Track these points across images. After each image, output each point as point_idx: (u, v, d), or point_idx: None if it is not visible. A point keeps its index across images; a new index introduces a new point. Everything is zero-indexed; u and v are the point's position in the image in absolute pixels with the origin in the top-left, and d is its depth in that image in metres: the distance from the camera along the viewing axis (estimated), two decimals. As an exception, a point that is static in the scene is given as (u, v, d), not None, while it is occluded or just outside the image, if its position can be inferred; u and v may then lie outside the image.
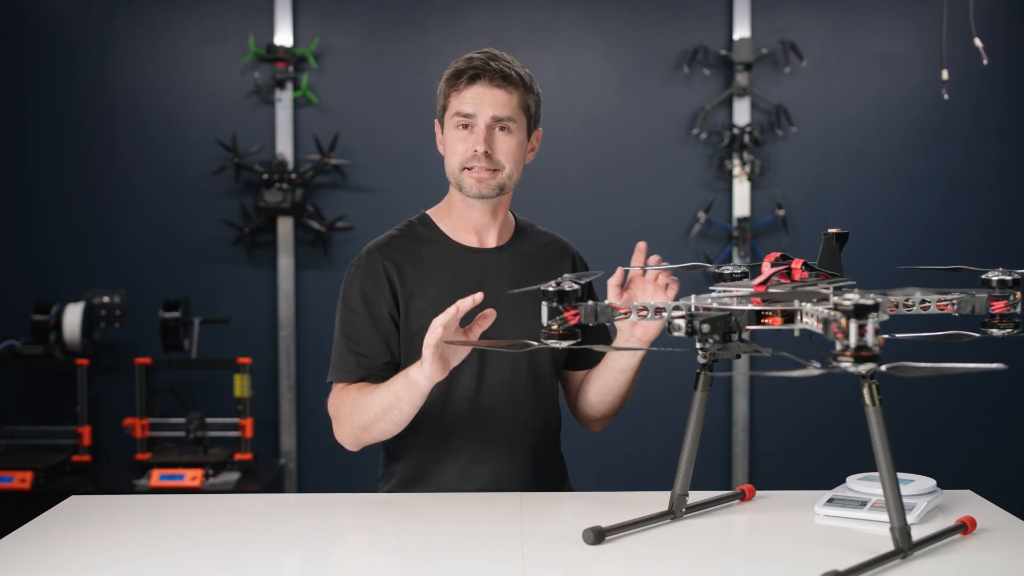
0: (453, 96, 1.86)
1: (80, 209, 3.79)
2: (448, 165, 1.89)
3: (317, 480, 3.83)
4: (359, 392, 1.83)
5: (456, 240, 1.95)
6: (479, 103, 1.83)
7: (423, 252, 1.93)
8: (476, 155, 1.84)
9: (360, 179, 3.81)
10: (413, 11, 3.83)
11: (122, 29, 3.81)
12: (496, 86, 1.84)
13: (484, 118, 1.84)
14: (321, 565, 1.49)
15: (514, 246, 1.97)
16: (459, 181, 1.87)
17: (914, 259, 3.78)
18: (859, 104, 3.86)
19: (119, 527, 1.66)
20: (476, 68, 1.83)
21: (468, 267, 1.92)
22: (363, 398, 1.81)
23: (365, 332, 1.89)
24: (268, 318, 3.82)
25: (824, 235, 1.58)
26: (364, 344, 1.89)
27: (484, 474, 1.90)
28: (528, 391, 1.93)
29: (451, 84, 1.86)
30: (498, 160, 1.85)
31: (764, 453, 3.91)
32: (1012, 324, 1.45)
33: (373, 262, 1.91)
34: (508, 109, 1.85)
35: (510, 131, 1.86)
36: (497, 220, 1.95)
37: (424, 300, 1.90)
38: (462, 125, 1.85)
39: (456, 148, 1.86)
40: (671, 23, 3.85)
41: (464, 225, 1.95)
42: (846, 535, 1.57)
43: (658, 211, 3.85)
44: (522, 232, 2.00)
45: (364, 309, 1.90)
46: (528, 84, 1.88)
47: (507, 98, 1.84)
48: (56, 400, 3.72)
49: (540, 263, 1.97)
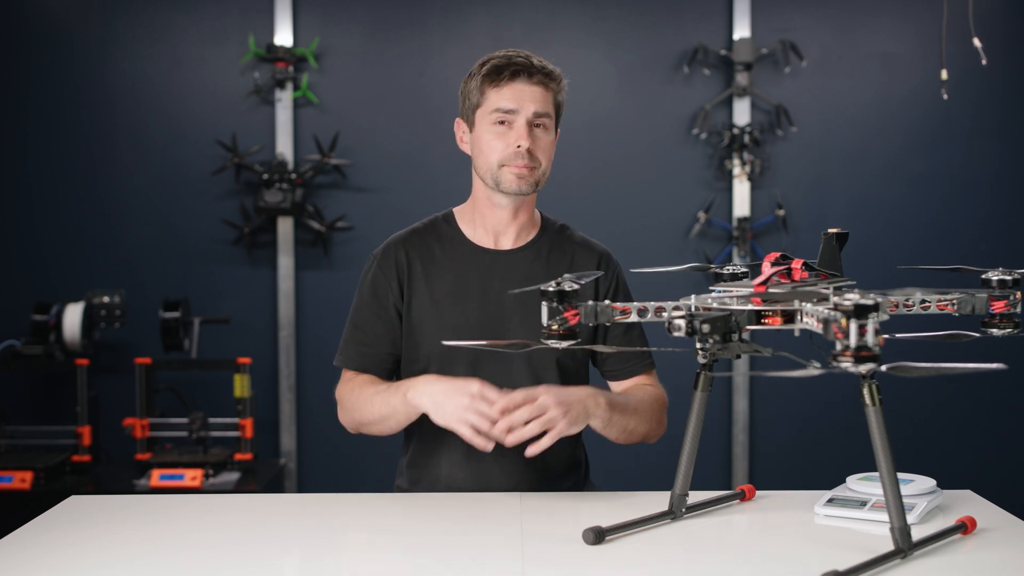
0: (492, 92, 1.84)
1: (80, 209, 3.79)
2: (484, 162, 1.87)
3: (317, 480, 3.83)
4: (363, 388, 1.88)
5: (472, 240, 1.95)
6: (520, 99, 1.83)
7: (437, 248, 1.94)
8: (519, 151, 1.83)
9: (360, 179, 3.81)
10: (413, 11, 3.83)
11: (122, 29, 3.81)
12: (536, 83, 1.85)
13: (526, 114, 1.84)
14: (321, 565, 1.49)
15: (531, 249, 1.96)
16: (497, 178, 1.86)
17: (914, 259, 3.78)
18: (859, 104, 3.86)
19: (119, 527, 1.66)
20: (518, 65, 1.83)
21: (477, 268, 1.92)
22: (365, 398, 1.85)
23: (370, 322, 1.93)
24: (268, 318, 3.82)
25: (824, 235, 1.58)
26: (368, 333, 1.93)
27: (474, 474, 1.90)
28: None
29: (491, 80, 1.84)
30: (537, 157, 1.86)
31: (764, 453, 3.91)
32: (1012, 324, 1.45)
33: (388, 255, 1.95)
34: (546, 106, 1.86)
35: (546, 128, 1.87)
36: (518, 221, 1.94)
37: (427, 297, 1.91)
38: (500, 122, 1.84)
39: (494, 145, 1.85)
40: (671, 23, 3.85)
41: (483, 225, 1.94)
42: (846, 535, 1.57)
43: (658, 211, 3.85)
44: (547, 235, 1.98)
45: (372, 300, 1.94)
46: (561, 83, 1.90)
47: (545, 96, 1.86)
48: (56, 400, 3.72)
49: (558, 267, 1.94)
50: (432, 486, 1.93)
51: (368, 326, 1.94)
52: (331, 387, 1.99)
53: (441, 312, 1.90)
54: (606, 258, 2.01)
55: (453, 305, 1.90)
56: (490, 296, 1.90)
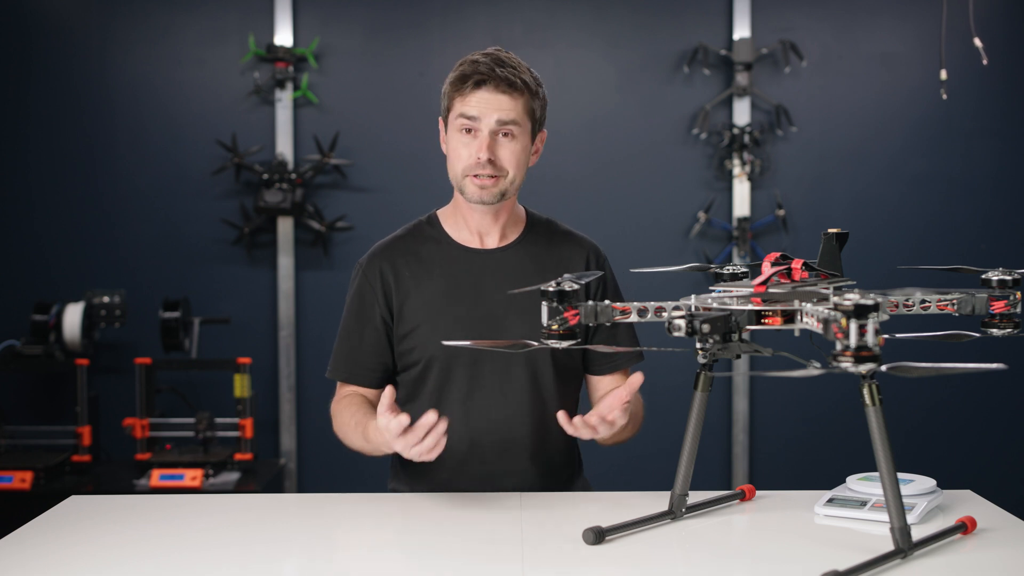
0: (457, 99, 1.84)
1: (80, 209, 3.79)
2: (451, 169, 1.89)
3: (317, 480, 3.83)
4: (347, 410, 1.90)
5: (457, 240, 1.95)
6: (483, 108, 1.82)
7: (423, 252, 1.94)
8: (479, 162, 1.83)
9: (360, 179, 3.81)
10: (413, 11, 3.83)
11: (122, 29, 3.81)
12: (501, 92, 1.82)
13: (488, 124, 1.82)
14: (321, 565, 1.49)
15: (518, 246, 1.96)
16: (461, 186, 1.87)
17: (914, 259, 3.77)
18: (859, 104, 3.86)
19: (119, 527, 1.66)
20: (482, 74, 1.81)
21: (466, 268, 1.92)
22: (348, 424, 1.88)
23: (356, 332, 1.94)
24: (268, 318, 3.82)
25: (824, 235, 1.58)
26: (354, 344, 1.94)
27: (476, 475, 1.90)
28: (526, 393, 1.91)
29: (456, 87, 1.84)
30: (501, 166, 1.84)
31: (764, 453, 3.91)
32: (1012, 324, 1.45)
33: (372, 266, 1.95)
34: (512, 114, 1.83)
35: (514, 136, 1.84)
36: (499, 221, 1.94)
37: (419, 300, 1.91)
38: (465, 129, 1.84)
39: (460, 153, 1.85)
40: (671, 23, 3.85)
41: (467, 226, 1.95)
42: (846, 535, 1.57)
43: (658, 211, 3.85)
44: (533, 231, 1.98)
45: (358, 311, 1.95)
46: (534, 89, 1.85)
47: (512, 103, 1.83)
48: (56, 400, 3.72)
49: (548, 263, 1.94)
50: (433, 486, 1.93)
51: (354, 337, 1.94)
52: (331, 387, 1.99)
53: (435, 314, 1.90)
54: (594, 251, 2.01)
55: (447, 306, 1.90)
56: (483, 295, 1.90)
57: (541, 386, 1.92)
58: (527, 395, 1.91)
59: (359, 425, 1.83)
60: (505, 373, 1.89)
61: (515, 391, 1.90)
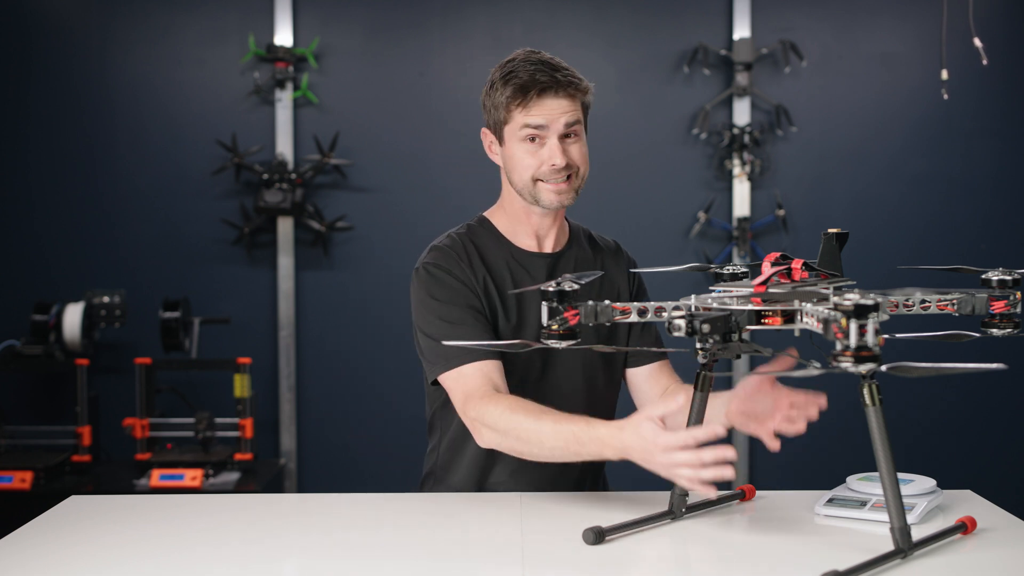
0: (518, 111, 1.80)
1: (80, 209, 3.79)
2: (519, 179, 1.84)
3: (317, 480, 3.83)
4: (521, 413, 1.67)
5: (516, 244, 1.93)
6: (550, 115, 1.80)
7: (488, 253, 1.91)
8: (555, 168, 1.81)
9: (360, 179, 3.81)
10: (413, 11, 3.83)
11: (122, 29, 3.81)
12: (564, 96, 1.80)
13: (556, 129, 1.80)
14: (321, 565, 1.49)
15: (572, 250, 1.96)
16: (534, 194, 1.84)
17: (914, 259, 3.77)
18: (859, 104, 3.86)
19: (119, 527, 1.66)
20: (542, 82, 1.78)
21: (532, 271, 1.91)
22: (543, 431, 1.63)
23: (459, 319, 1.81)
24: (268, 318, 3.82)
25: (824, 235, 1.58)
26: (468, 326, 1.81)
27: (536, 476, 1.87)
28: (581, 395, 1.91)
29: (516, 99, 1.80)
30: (574, 166, 1.83)
31: (764, 453, 3.90)
32: (1012, 324, 1.45)
33: (448, 255, 1.87)
34: (577, 114, 1.82)
35: (578, 134, 1.84)
36: (556, 224, 1.93)
37: (496, 299, 1.87)
38: (530, 138, 1.82)
39: (526, 162, 1.82)
40: (671, 23, 3.85)
41: (524, 229, 1.92)
42: (846, 535, 1.57)
43: (658, 211, 3.85)
44: (576, 237, 1.99)
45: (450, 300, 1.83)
46: (586, 86, 1.85)
47: (573, 105, 1.82)
48: (56, 400, 3.72)
49: (599, 265, 1.96)
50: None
51: (459, 322, 1.80)
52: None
53: (511, 314, 1.87)
54: (626, 256, 2.04)
55: (519, 309, 1.88)
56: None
57: (594, 392, 1.93)
58: (582, 398, 1.90)
59: (559, 423, 1.62)
60: (567, 377, 1.89)
61: (574, 396, 1.89)
